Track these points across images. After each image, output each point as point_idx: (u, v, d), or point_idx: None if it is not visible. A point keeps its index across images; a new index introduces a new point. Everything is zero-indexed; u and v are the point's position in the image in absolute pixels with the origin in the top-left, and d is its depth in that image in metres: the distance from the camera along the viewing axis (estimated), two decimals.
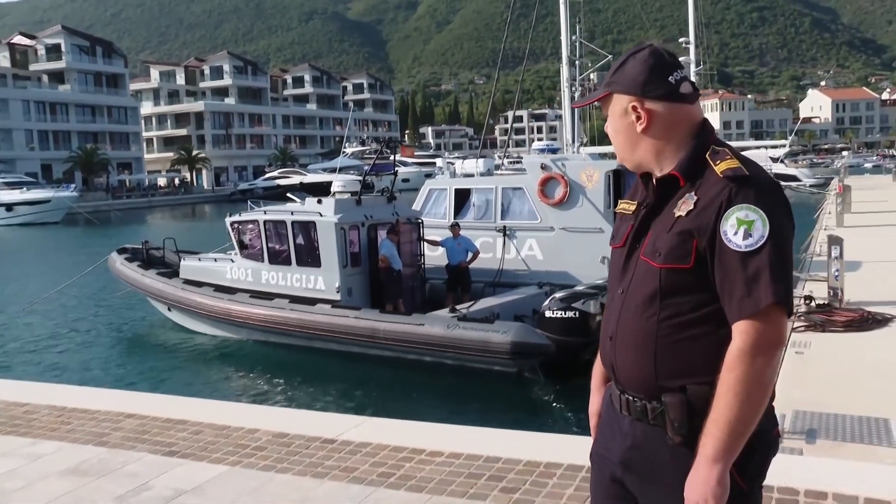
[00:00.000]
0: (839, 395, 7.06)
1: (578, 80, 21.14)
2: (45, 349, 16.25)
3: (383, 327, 12.75)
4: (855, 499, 4.29)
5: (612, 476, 2.24)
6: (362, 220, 14.27)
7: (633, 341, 2.12)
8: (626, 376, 2.16)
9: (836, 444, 6.11)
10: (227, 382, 13.45)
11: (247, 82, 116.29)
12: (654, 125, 2.13)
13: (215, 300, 15.17)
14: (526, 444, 5.39)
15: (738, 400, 1.93)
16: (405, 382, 12.49)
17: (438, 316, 12.68)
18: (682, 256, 2.02)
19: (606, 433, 2.30)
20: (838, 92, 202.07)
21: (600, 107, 2.28)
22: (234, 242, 15.92)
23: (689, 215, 2.03)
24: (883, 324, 10.47)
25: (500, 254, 15.47)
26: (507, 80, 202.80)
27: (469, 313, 12.57)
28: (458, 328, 12.03)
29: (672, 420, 2.04)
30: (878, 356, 8.69)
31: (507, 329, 11.63)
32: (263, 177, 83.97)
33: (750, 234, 1.94)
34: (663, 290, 2.06)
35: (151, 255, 18.76)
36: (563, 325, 11.49)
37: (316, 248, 14.24)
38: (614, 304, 2.21)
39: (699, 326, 2.05)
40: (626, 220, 2.28)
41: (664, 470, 2.08)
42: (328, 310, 13.55)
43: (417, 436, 5.62)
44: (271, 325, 14.28)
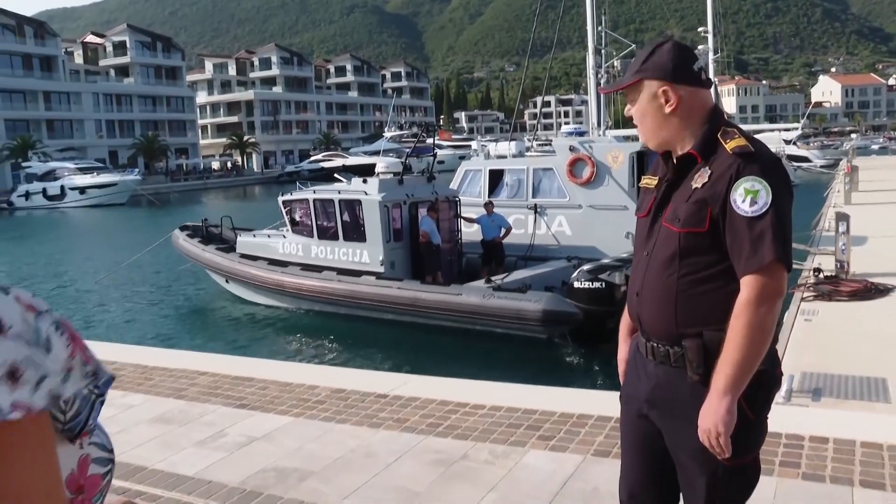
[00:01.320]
0: (843, 358, 7.14)
1: (604, 68, 21.03)
2: (123, 315, 16.71)
3: (424, 297, 12.89)
4: (852, 442, 4.44)
5: (639, 412, 2.38)
6: (404, 198, 14.38)
7: (658, 295, 2.28)
8: (652, 326, 2.31)
9: (839, 401, 6.23)
10: (283, 346, 13.71)
11: (293, 72, 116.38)
12: (680, 108, 2.27)
13: (269, 273, 15.41)
14: (559, 398, 5.54)
15: (744, 342, 2.09)
16: (444, 347, 12.63)
17: (475, 286, 12.79)
18: (698, 221, 2.18)
19: (633, 376, 2.46)
20: (847, 78, 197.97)
21: (625, 93, 2.40)
22: (285, 219, 16.09)
23: (703, 187, 2.19)
24: (885, 294, 10.49)
25: (532, 230, 15.52)
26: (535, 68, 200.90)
27: (503, 284, 12.65)
28: (493, 298, 12.15)
29: (691, 361, 2.21)
30: (880, 323, 8.74)
31: (538, 298, 11.74)
32: (308, 160, 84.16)
33: (755, 201, 2.10)
34: (682, 251, 2.21)
35: (210, 231, 19.03)
36: (591, 294, 11.55)
37: (361, 224, 14.38)
38: (640, 264, 2.37)
39: (712, 282, 2.21)
40: (649, 193, 2.43)
41: (684, 404, 2.23)
42: (373, 281, 13.72)
43: (461, 391, 5.77)
44: (321, 296, 14.49)
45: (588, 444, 4.55)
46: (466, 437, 4.78)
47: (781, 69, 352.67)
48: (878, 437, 4.53)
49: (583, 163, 15.20)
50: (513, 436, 4.77)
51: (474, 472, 4.27)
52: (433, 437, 4.83)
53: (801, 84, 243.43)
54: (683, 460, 2.28)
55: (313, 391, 5.95)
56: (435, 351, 12.62)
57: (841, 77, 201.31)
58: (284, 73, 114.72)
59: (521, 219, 15.69)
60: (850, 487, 3.90)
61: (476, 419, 5.09)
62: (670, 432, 2.31)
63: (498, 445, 4.63)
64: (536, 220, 15.57)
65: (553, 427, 4.86)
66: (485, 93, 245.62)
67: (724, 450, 2.12)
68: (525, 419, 5.02)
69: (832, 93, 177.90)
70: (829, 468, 4.11)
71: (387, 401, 5.60)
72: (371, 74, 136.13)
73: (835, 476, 4.02)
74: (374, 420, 5.21)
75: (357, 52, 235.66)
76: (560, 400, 5.42)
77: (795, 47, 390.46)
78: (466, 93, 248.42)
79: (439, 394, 5.67)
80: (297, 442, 4.92)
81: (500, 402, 5.36)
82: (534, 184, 15.96)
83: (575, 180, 15.27)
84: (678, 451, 2.29)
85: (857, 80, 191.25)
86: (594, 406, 5.12)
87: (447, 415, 5.21)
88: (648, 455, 2.40)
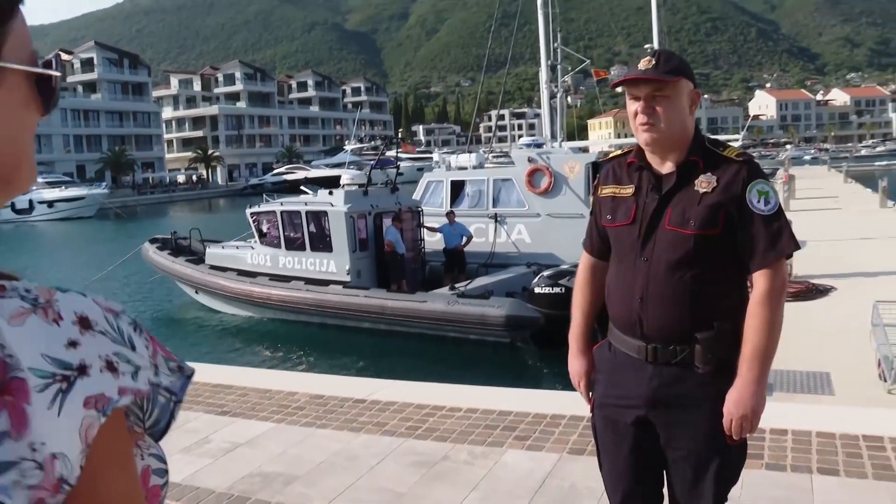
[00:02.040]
0: (791, 355, 7.30)
1: (560, 82, 21.20)
2: None
3: (390, 304, 12.87)
4: (808, 433, 4.55)
5: (635, 419, 2.35)
6: (369, 209, 14.35)
7: (669, 298, 2.26)
8: (659, 328, 2.28)
9: (790, 395, 6.40)
10: (255, 355, 13.58)
11: (256, 87, 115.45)
12: (695, 112, 2.36)
13: (238, 283, 15.26)
14: (533, 399, 5.57)
15: (771, 331, 2.19)
16: (411, 353, 12.63)
17: (439, 294, 12.79)
18: (712, 224, 2.22)
19: (619, 386, 2.40)
20: (781, 93, 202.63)
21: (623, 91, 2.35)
22: (253, 231, 15.96)
23: (714, 191, 2.24)
24: (825, 294, 10.78)
25: (492, 238, 15.56)
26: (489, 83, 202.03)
27: (467, 291, 12.69)
28: (457, 304, 12.17)
29: (704, 352, 2.23)
30: (821, 321, 8.99)
31: (501, 304, 11.78)
32: (272, 173, 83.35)
33: (768, 201, 2.22)
34: (695, 253, 2.24)
35: (179, 244, 18.77)
36: (551, 299, 11.62)
37: (328, 234, 14.31)
38: (637, 270, 2.32)
39: (722, 280, 2.27)
40: (624, 201, 2.39)
41: (692, 397, 2.26)
42: (340, 290, 13.67)
43: (437, 395, 5.77)
44: (289, 305, 14.39)
45: (563, 443, 4.58)
46: (445, 439, 4.78)
47: (721, 84, 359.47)
48: (831, 427, 4.65)
49: (541, 173, 15.31)
50: (490, 437, 4.78)
51: (455, 473, 4.27)
52: (413, 440, 4.82)
53: (740, 98, 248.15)
54: (691, 446, 2.30)
55: (293, 397, 5.91)
56: (402, 356, 12.60)
57: (776, 92, 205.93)
58: (248, 89, 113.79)
59: (482, 227, 15.73)
60: (810, 475, 4.00)
61: (453, 421, 5.09)
62: (677, 426, 2.31)
63: (477, 446, 4.64)
64: (497, 229, 15.62)
65: (528, 427, 4.88)
66: (441, 107, 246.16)
67: (754, 430, 2.23)
68: (501, 420, 5.03)
69: (768, 106, 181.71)
70: (790, 458, 4.21)
71: (365, 405, 5.58)
72: (332, 89, 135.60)
73: (795, 465, 4.12)
74: (354, 424, 5.19)
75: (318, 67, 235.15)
76: (534, 401, 5.45)
77: (734, 64, 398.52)
78: (424, 107, 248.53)
79: (416, 398, 5.67)
80: (280, 447, 4.87)
81: (475, 405, 5.37)
82: (494, 194, 16.03)
83: (533, 190, 15.37)
84: (685, 440, 2.30)
85: (790, 94, 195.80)
86: (567, 407, 5.15)
87: (425, 418, 5.21)
88: (643, 460, 2.40)
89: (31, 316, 0.63)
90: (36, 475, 0.59)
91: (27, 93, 0.73)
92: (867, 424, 4.69)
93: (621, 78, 2.36)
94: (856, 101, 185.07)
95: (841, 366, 7.12)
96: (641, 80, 2.28)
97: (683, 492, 2.35)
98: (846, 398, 6.26)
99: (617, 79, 2.43)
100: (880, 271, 11.88)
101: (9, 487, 0.58)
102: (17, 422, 0.59)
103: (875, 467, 4.05)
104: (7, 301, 0.63)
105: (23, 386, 0.60)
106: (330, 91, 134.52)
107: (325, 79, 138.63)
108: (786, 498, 3.75)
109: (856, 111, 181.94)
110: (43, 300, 0.65)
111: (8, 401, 0.59)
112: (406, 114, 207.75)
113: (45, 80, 0.74)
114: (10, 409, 0.59)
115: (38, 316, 0.63)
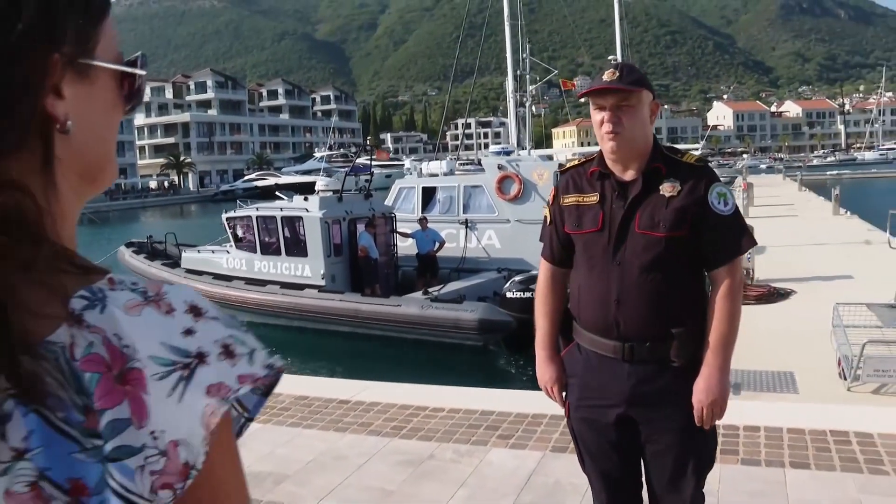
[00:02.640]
0: (756, 356, 7.43)
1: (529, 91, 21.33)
2: None
3: (365, 308, 12.83)
4: (780, 429, 4.65)
5: (617, 418, 2.38)
6: (343, 214, 14.30)
7: (644, 298, 2.31)
8: (636, 328, 2.32)
9: (757, 394, 6.51)
10: None
11: (227, 95, 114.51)
12: (654, 122, 2.42)
13: (214, 287, 15.09)
14: (513, 399, 5.60)
15: (733, 323, 2.29)
16: (386, 356, 12.60)
17: (413, 298, 12.78)
18: (679, 226, 2.29)
19: (595, 388, 2.42)
20: (738, 104, 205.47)
21: (586, 101, 2.43)
22: (229, 235, 15.82)
23: (679, 195, 2.31)
24: (785, 297, 10.98)
25: (463, 243, 15.59)
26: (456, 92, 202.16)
27: (440, 295, 12.70)
28: (431, 308, 12.16)
29: (678, 347, 2.29)
30: (783, 323, 9.15)
31: (474, 308, 11.80)
32: (242, 179, 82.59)
33: (727, 202, 2.33)
34: (665, 254, 2.30)
35: (155, 248, 18.58)
36: (522, 304, 11.62)
37: (303, 239, 14.24)
38: (610, 274, 2.35)
39: (689, 278, 2.36)
40: (590, 209, 2.42)
41: (669, 391, 2.33)
42: (315, 294, 13.59)
43: (419, 395, 5.78)
44: (265, 309, 14.27)
45: (546, 441, 4.62)
46: (430, 439, 4.79)
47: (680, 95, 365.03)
48: (799, 423, 4.76)
49: (510, 180, 15.37)
50: (474, 436, 4.80)
51: (442, 471, 4.29)
52: (399, 440, 4.82)
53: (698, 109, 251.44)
54: (670, 440, 2.35)
55: (277, 398, 5.87)
56: (378, 359, 12.56)
57: (732, 103, 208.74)
58: (219, 97, 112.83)
59: (453, 233, 15.74)
60: (783, 469, 4.09)
61: (437, 421, 5.10)
62: (656, 420, 2.35)
63: (461, 445, 4.66)
64: (468, 235, 15.65)
65: (511, 426, 4.91)
66: (409, 115, 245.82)
67: (722, 416, 2.31)
68: (483, 420, 5.06)
69: (725, 117, 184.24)
70: (763, 453, 4.30)
71: (349, 406, 5.57)
72: (302, 98, 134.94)
73: (768, 460, 4.21)
74: (340, 424, 5.18)
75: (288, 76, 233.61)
76: (515, 401, 5.48)
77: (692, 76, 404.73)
78: (392, 115, 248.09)
79: (399, 398, 5.67)
80: (267, 447, 4.85)
81: (457, 405, 5.38)
82: (464, 200, 16.05)
83: (503, 196, 15.42)
84: (664, 434, 2.35)
85: (746, 106, 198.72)
86: (547, 407, 5.13)
87: (409, 418, 5.21)
88: (626, 456, 2.45)
89: (146, 307, 0.64)
90: (159, 461, 0.60)
91: (115, 93, 0.73)
92: (833, 420, 4.80)
93: (588, 89, 2.41)
94: (807, 113, 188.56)
95: (804, 365, 7.27)
96: (608, 90, 2.33)
97: (663, 484, 2.40)
98: (810, 396, 6.40)
99: (582, 90, 2.48)
100: (836, 275, 12.13)
101: (133, 472, 0.59)
102: (138, 410, 0.60)
103: (842, 460, 4.16)
104: (119, 293, 0.64)
105: (140, 376, 0.60)
106: (300, 99, 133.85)
107: (294, 87, 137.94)
108: (761, 491, 3.83)
109: (807, 122, 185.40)
110: (152, 293, 0.65)
111: (128, 390, 0.60)
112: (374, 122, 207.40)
113: (129, 79, 0.75)
114: (130, 398, 0.60)
115: (151, 307, 0.64)
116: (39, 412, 0.58)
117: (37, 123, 0.64)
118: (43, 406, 0.58)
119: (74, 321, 0.61)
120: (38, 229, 0.62)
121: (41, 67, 0.64)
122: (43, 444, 0.57)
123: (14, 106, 0.63)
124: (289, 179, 66.74)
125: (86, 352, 0.60)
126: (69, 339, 0.60)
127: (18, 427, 0.57)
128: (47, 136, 0.65)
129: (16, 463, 0.57)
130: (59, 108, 0.65)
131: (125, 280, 0.66)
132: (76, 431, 0.58)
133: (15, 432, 0.57)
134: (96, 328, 0.61)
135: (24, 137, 0.64)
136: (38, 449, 0.57)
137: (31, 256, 0.61)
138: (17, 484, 0.57)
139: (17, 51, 0.62)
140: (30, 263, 0.61)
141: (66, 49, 0.66)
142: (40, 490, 0.57)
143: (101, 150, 0.72)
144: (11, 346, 0.58)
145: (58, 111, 0.65)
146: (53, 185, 0.66)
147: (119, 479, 0.58)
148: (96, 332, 0.61)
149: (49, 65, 0.64)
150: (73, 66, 0.67)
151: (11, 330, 0.58)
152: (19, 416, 0.57)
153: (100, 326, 0.61)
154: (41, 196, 0.64)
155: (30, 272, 0.61)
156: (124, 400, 0.60)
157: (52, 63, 0.64)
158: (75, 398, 0.59)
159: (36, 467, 0.57)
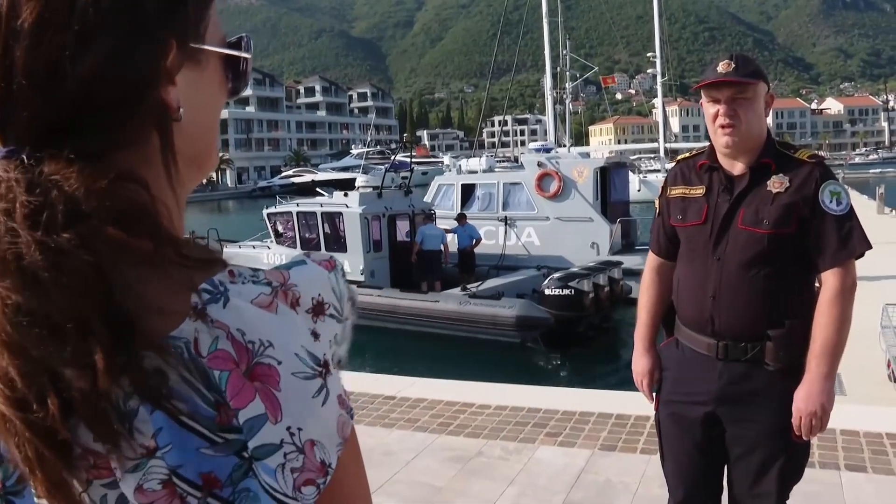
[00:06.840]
0: None
1: (568, 88, 21.22)
2: None
3: (404, 304, 12.86)
4: (833, 430, 4.55)
5: (705, 415, 2.33)
6: (383, 211, 14.34)
7: (743, 296, 2.26)
8: (733, 325, 2.27)
9: None
10: None
11: (265, 93, 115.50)
12: (769, 113, 2.37)
13: None
14: (560, 397, 5.57)
15: (841, 329, 2.17)
16: (424, 351, 12.59)
17: (451, 294, 12.78)
18: (786, 223, 2.22)
19: (687, 383, 2.39)
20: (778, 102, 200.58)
21: (695, 91, 2.41)
22: (270, 231, 15.98)
23: (787, 192, 2.23)
24: None
25: (503, 241, 15.58)
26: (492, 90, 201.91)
27: (478, 292, 12.70)
28: (469, 304, 12.16)
29: (775, 350, 2.22)
30: None
31: (512, 305, 11.78)
32: (280, 176, 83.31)
33: (840, 201, 2.21)
34: (768, 251, 2.23)
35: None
36: (561, 301, 11.62)
37: (343, 235, 14.31)
38: (709, 269, 2.30)
39: (793, 278, 2.26)
40: (695, 201, 2.38)
41: (761, 394, 2.26)
42: (354, 289, 13.63)
43: (465, 392, 5.77)
44: None
45: (594, 439, 4.59)
46: (478, 435, 4.79)
47: None
48: (853, 425, 4.66)
49: (550, 177, 15.32)
50: (522, 433, 4.78)
51: (491, 468, 4.28)
52: (446, 436, 4.82)
53: None
54: (755, 443, 2.28)
55: None
56: (416, 355, 12.56)
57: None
58: (257, 94, 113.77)
59: (492, 230, 15.74)
60: (838, 471, 4.05)
61: (484, 418, 5.10)
62: (744, 423, 2.30)
63: (509, 442, 4.64)
64: (507, 232, 15.63)
65: (558, 424, 4.88)
66: (445, 112, 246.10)
67: (824, 429, 2.19)
68: (531, 417, 5.04)
69: None
70: (817, 455, 4.22)
71: (395, 402, 5.58)
72: (338, 95, 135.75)
73: (822, 462, 4.17)
74: (387, 420, 5.19)
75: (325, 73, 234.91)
76: (561, 398, 5.44)
77: None
78: (428, 112, 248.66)
79: (445, 395, 5.66)
80: None
81: (503, 402, 5.37)
82: (504, 197, 16.04)
83: (543, 194, 15.37)
84: (750, 436, 2.29)
85: (786, 104, 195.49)
86: (594, 404, 5.16)
87: (456, 414, 5.21)
88: (707, 456, 2.39)
89: (280, 304, 0.61)
90: (298, 458, 0.59)
91: (222, 76, 0.71)
92: (888, 423, 4.70)
93: (703, 81, 2.33)
94: (849, 110, 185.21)
95: (851, 367, 7.11)
96: (724, 83, 2.26)
97: (745, 488, 2.33)
98: (858, 398, 6.26)
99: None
100: (884, 275, 11.86)
101: (275, 472, 0.58)
102: (271, 405, 0.58)
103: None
104: (244, 287, 0.61)
105: (272, 372, 0.59)
106: (336, 96, 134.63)
107: (331, 84, 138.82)
108: (817, 493, 3.76)
109: (849, 120, 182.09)
110: (277, 283, 0.62)
111: (258, 386, 0.58)
112: (411, 119, 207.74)
113: (234, 63, 0.72)
114: (261, 394, 0.58)
115: (281, 302, 0.62)
116: (165, 409, 0.56)
117: (153, 112, 0.62)
118: (168, 403, 0.56)
119: (198, 316, 0.59)
120: (157, 222, 0.60)
121: (161, 53, 0.62)
122: (172, 442, 0.56)
123: (135, 95, 0.61)
124: (325, 176, 67.09)
125: (212, 348, 0.58)
126: (193, 333, 0.58)
127: (146, 424, 0.56)
128: (164, 125, 0.63)
129: (147, 460, 0.56)
130: (172, 95, 0.63)
131: (244, 271, 0.63)
132: (205, 427, 0.57)
133: (142, 429, 0.56)
134: (220, 323, 0.59)
135: (146, 128, 0.62)
136: (168, 447, 0.56)
137: (152, 251, 0.59)
138: (150, 482, 0.56)
139: (141, 36, 0.60)
140: (151, 258, 0.59)
141: (184, 33, 0.64)
142: (174, 488, 0.57)
143: (209, 136, 0.71)
144: (133, 345, 0.56)
145: (171, 98, 0.63)
146: (176, 176, 0.65)
147: (265, 479, 0.57)
148: (220, 328, 0.59)
149: (168, 50, 0.62)
150: (186, 50, 0.65)
151: (134, 329, 0.56)
152: (146, 413, 0.56)
153: (223, 321, 0.59)
154: (157, 187, 0.63)
155: (152, 267, 0.59)
156: (255, 396, 0.58)
157: (169, 48, 0.62)
158: (205, 393, 0.57)
159: (167, 465, 0.56)
